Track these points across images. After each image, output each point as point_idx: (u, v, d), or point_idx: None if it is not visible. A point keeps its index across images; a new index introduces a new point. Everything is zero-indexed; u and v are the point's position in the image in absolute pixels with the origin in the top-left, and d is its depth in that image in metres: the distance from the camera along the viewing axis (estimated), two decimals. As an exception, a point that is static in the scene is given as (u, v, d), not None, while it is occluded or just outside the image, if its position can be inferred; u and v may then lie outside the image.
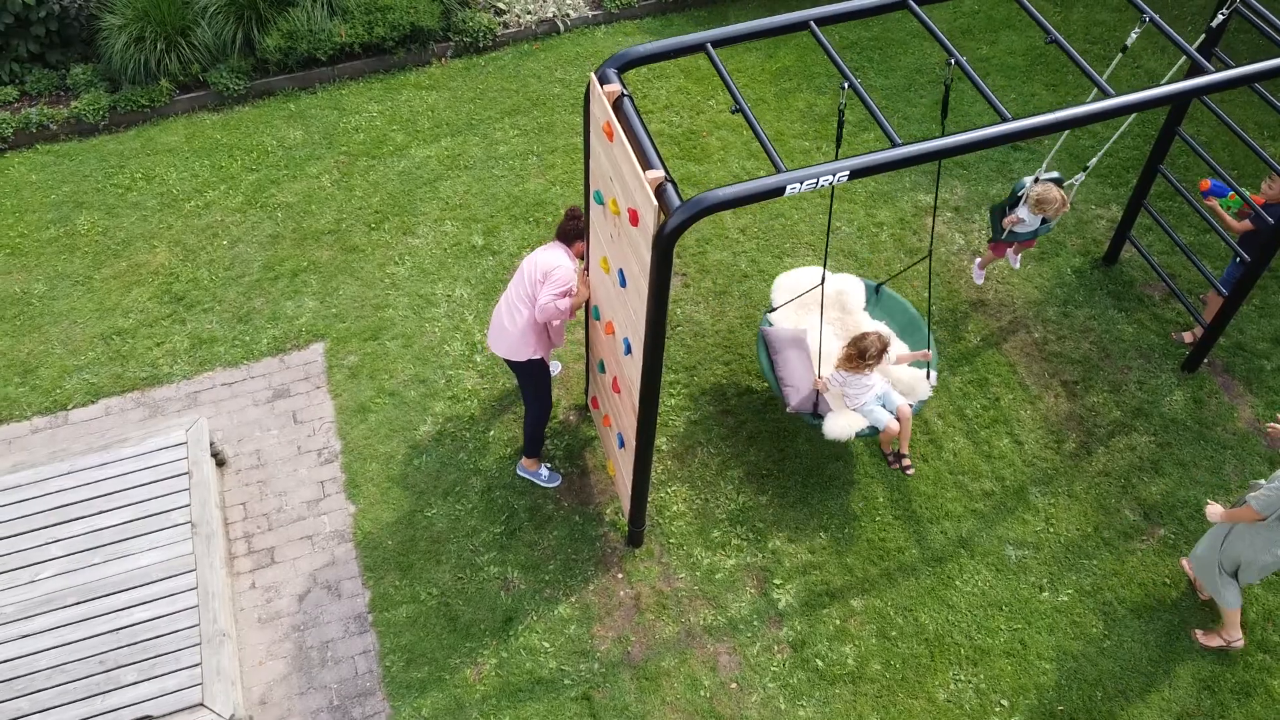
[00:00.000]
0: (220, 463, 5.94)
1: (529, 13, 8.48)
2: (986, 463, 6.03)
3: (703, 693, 5.17)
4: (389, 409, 6.22)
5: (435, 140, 7.76)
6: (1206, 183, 6.28)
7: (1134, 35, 4.79)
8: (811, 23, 4.46)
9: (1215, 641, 5.32)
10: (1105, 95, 4.13)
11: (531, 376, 5.45)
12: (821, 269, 5.79)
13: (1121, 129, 6.23)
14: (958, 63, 4.28)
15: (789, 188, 3.73)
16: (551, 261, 5.13)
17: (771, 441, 6.10)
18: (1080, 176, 6.21)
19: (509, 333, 5.29)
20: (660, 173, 3.81)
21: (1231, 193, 6.02)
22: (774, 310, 5.97)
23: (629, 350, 4.65)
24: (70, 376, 6.38)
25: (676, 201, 3.74)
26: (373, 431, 6.11)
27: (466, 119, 7.94)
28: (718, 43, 4.33)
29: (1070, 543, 5.72)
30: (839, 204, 7.37)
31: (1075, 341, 6.62)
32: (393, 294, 6.81)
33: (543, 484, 5.88)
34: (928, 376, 5.68)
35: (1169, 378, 6.44)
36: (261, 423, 6.17)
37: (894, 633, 5.37)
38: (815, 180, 3.75)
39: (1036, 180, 6.07)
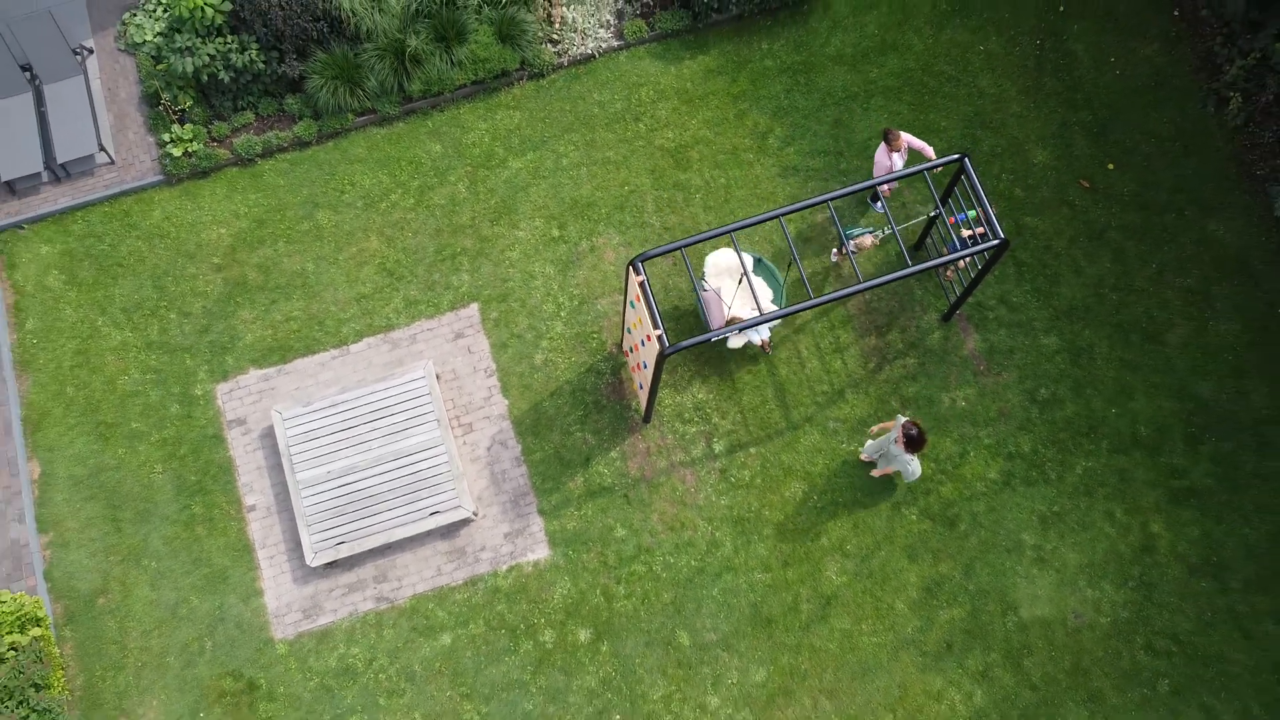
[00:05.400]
0: (437, 378, 11.64)
1: (575, 45, 12.81)
2: (827, 376, 11.73)
3: (678, 493, 11.30)
4: (517, 345, 11.81)
5: (522, 154, 12.55)
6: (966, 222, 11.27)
7: (934, 214, 9.85)
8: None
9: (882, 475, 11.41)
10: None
11: None
12: (733, 250, 11.09)
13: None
14: (800, 275, 9.44)
15: (720, 336, 9.15)
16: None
17: (717, 362, 11.75)
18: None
19: None
20: (660, 331, 9.19)
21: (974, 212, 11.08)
22: (704, 278, 11.31)
23: (646, 367, 10.22)
24: (343, 325, 11.88)
25: (667, 344, 9.17)
26: (511, 359, 11.75)
27: (540, 136, 12.64)
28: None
29: (860, 420, 11.58)
30: (755, 189, 12.37)
31: (888, 301, 12.03)
32: (511, 271, 12.09)
33: None
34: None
35: (933, 324, 11.93)
36: (451, 353, 11.79)
37: (770, 465, 11.40)
38: (726, 334, 9.16)
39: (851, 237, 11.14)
